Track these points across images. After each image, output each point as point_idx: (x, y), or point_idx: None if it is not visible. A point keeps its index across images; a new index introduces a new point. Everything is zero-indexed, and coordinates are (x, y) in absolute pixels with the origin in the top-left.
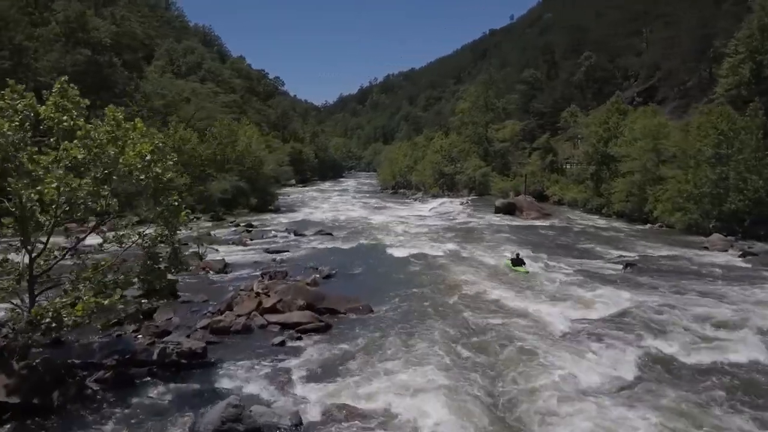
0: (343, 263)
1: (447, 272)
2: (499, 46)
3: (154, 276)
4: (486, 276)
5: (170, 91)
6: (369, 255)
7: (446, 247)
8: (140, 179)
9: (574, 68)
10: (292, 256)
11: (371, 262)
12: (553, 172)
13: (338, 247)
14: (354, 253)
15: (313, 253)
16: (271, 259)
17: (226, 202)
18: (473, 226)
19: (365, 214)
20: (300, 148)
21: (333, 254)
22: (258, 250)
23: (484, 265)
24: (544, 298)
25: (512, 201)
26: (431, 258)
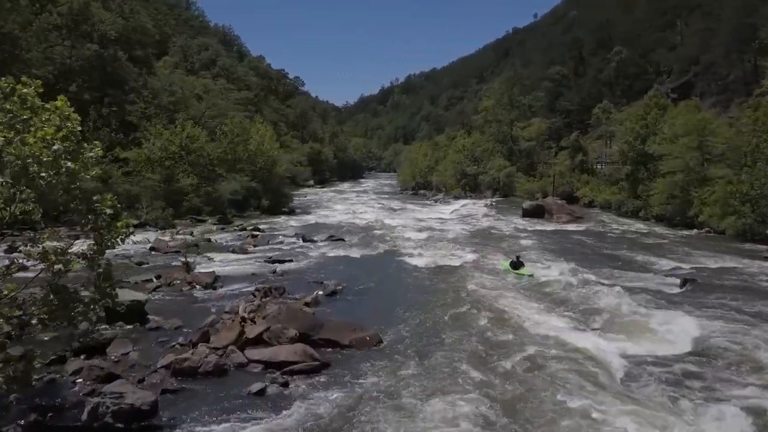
0: (353, 276)
1: (472, 288)
2: (522, 44)
3: (64, 317)
4: (517, 294)
5: (180, 87)
6: (383, 265)
7: (470, 257)
8: (41, 176)
9: (603, 64)
10: (296, 267)
11: (384, 275)
12: (584, 173)
13: (349, 256)
14: (366, 263)
15: (320, 262)
16: (271, 271)
17: (237, 203)
18: (499, 231)
19: (382, 217)
20: (319, 149)
21: (342, 264)
22: (259, 258)
23: (515, 279)
24: (593, 327)
25: (541, 203)
26: (453, 269)
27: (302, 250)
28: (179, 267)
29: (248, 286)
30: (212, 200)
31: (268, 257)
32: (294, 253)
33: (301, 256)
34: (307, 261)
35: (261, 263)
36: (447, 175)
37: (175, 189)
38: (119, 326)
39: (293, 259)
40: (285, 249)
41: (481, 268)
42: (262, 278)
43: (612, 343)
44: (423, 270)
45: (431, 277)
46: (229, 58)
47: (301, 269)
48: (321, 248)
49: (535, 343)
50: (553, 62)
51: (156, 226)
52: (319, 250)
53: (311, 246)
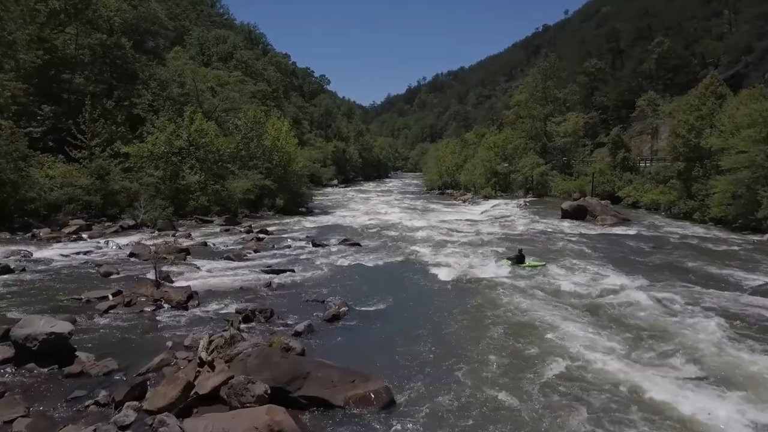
0: (363, 292)
1: (517, 313)
2: (553, 41)
3: None
4: (573, 321)
5: (192, 78)
6: (401, 278)
7: (507, 268)
8: None
9: (644, 56)
10: (297, 279)
11: (403, 291)
12: (626, 171)
13: (362, 265)
14: (381, 275)
15: (327, 273)
16: (265, 284)
17: (250, 202)
18: (539, 235)
19: (406, 218)
20: (343, 147)
21: (353, 276)
22: (256, 267)
23: (570, 298)
24: (688, 375)
25: (582, 203)
26: (489, 285)
27: (310, 256)
28: (148, 280)
29: (231, 303)
30: (221, 199)
31: (267, 266)
32: (299, 261)
33: (307, 264)
34: (312, 271)
35: (256, 274)
36: (476, 173)
37: (181, 187)
38: (27, 371)
39: (295, 268)
40: (290, 255)
41: (526, 281)
42: (251, 295)
43: (725, 404)
44: (451, 285)
45: (461, 295)
46: (247, 50)
47: (302, 282)
48: (331, 255)
49: (623, 408)
50: (589, 55)
51: (153, 227)
52: (328, 257)
53: (321, 252)
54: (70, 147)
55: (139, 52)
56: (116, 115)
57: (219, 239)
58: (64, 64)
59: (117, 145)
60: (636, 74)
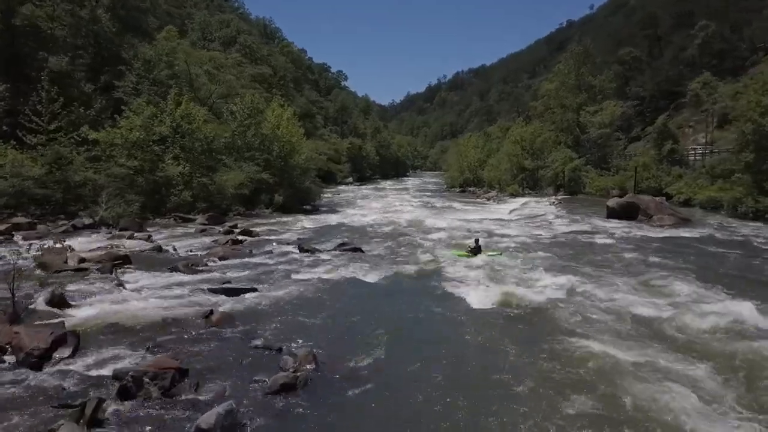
0: (349, 331)
1: (594, 372)
2: (578, 37)
3: None
4: (691, 395)
5: (184, 60)
6: (412, 304)
7: (557, 282)
8: None
9: (685, 42)
10: (255, 306)
11: (412, 330)
12: (674, 164)
13: (359, 281)
14: (382, 299)
15: (304, 295)
16: (204, 313)
17: (245, 198)
18: (586, 239)
19: (423, 218)
20: (359, 144)
21: (340, 301)
22: (209, 283)
23: (658, 336)
24: None
25: (634, 200)
26: (541, 315)
27: (290, 267)
28: None
29: (121, 358)
30: (210, 194)
31: (224, 281)
32: (272, 274)
33: (281, 279)
34: (284, 291)
35: (202, 294)
36: (501, 169)
37: (159, 179)
38: None
39: (262, 286)
40: (265, 265)
41: (588, 308)
42: (171, 334)
43: None
44: (483, 317)
45: (501, 337)
46: (252, 35)
47: (262, 311)
48: (321, 265)
49: None
50: (621, 44)
51: (115, 227)
52: (315, 269)
53: (308, 261)
54: (24, 131)
55: (126, 31)
56: (95, 99)
57: (186, 242)
58: (26, 36)
59: (84, 131)
60: (676, 62)
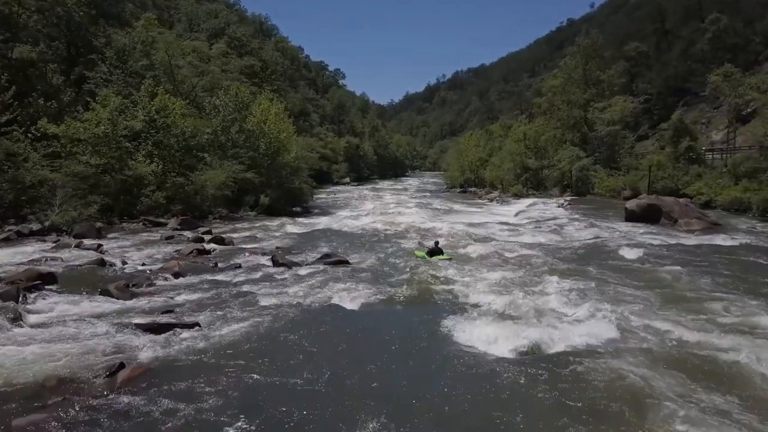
0: (315, 400)
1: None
2: (579, 35)
3: None
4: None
5: (162, 50)
6: (407, 347)
7: (590, 313)
8: None
9: (695, 36)
10: (192, 351)
11: (410, 397)
12: (692, 163)
13: (339, 309)
14: (367, 337)
15: (263, 333)
16: (107, 369)
17: (229, 200)
18: (608, 247)
19: (421, 221)
20: (357, 143)
21: (312, 341)
22: (140, 313)
23: None
24: None
25: (656, 202)
26: (572, 360)
27: (256, 287)
28: None
29: None
30: (187, 195)
31: (166, 309)
32: (230, 299)
33: (238, 307)
34: (236, 326)
35: (127, 331)
36: (503, 169)
37: (128, 179)
38: None
39: (209, 316)
40: (227, 284)
41: (638, 357)
42: (41, 410)
43: None
44: (503, 369)
45: (529, 402)
46: (242, 26)
47: (196, 362)
48: (295, 284)
49: None
50: (627, 39)
51: (68, 233)
52: (286, 290)
53: (280, 278)
54: None
55: (101, 18)
56: (64, 91)
57: (144, 252)
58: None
59: (42, 124)
60: (686, 57)
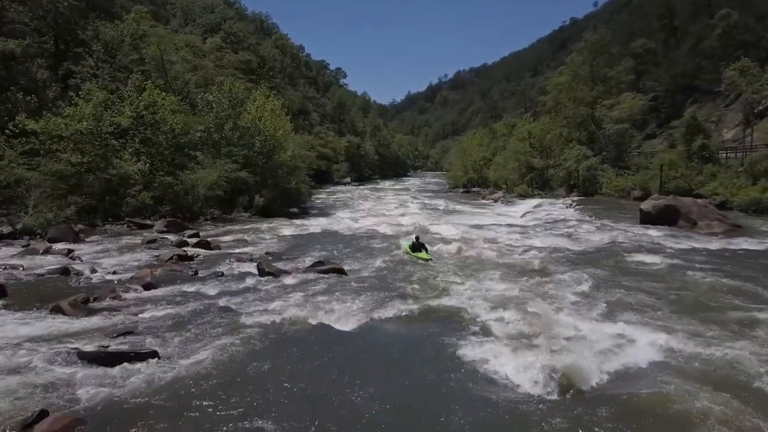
0: None
1: None
2: (582, 35)
3: None
4: None
5: (154, 45)
6: (403, 380)
7: (627, 330)
8: None
9: (704, 33)
10: (141, 392)
11: None
12: (706, 162)
13: (329, 331)
14: (362, 375)
15: (233, 366)
16: (25, 423)
17: (222, 201)
18: (626, 253)
19: (425, 224)
20: (358, 143)
21: (293, 376)
22: (94, 335)
23: None
24: None
25: (673, 203)
26: (616, 395)
27: (236, 301)
28: None
29: None
30: (176, 195)
31: (125, 330)
32: (202, 316)
33: (208, 329)
34: (202, 356)
35: (68, 360)
36: (507, 168)
37: (112, 178)
38: None
39: (166, 346)
40: (203, 297)
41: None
42: None
43: None
44: (530, 406)
45: None
46: (243, 23)
47: (143, 406)
48: (280, 297)
49: None
50: (636, 35)
51: (42, 236)
52: (270, 305)
53: (265, 289)
54: None
55: (91, 11)
56: (48, 86)
57: (121, 258)
58: None
59: (20, 120)
60: (695, 53)
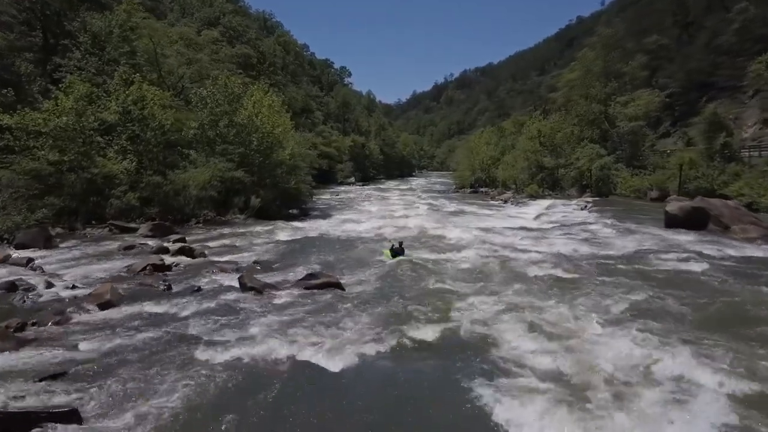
0: None
1: None
2: (589, 33)
3: None
4: None
5: (146, 37)
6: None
7: (694, 372)
8: None
9: (721, 27)
10: None
11: None
12: (729, 161)
13: (317, 372)
14: (353, 423)
15: (174, 424)
16: None
17: (216, 201)
18: (659, 262)
19: (433, 227)
20: (362, 142)
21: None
22: (24, 372)
23: None
24: None
25: (702, 205)
26: None
27: (207, 328)
28: None
29: None
30: (166, 196)
31: (45, 375)
32: (158, 349)
33: (160, 366)
34: (140, 410)
35: None
36: (517, 168)
37: (94, 178)
38: None
39: (92, 401)
40: (170, 320)
41: None
42: None
43: None
44: None
45: None
46: (238, 16)
47: None
48: (261, 320)
49: None
50: (649, 30)
51: (10, 241)
52: (248, 332)
53: (246, 309)
54: None
55: (79, 2)
56: (33, 80)
57: (86, 268)
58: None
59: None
60: (711, 49)
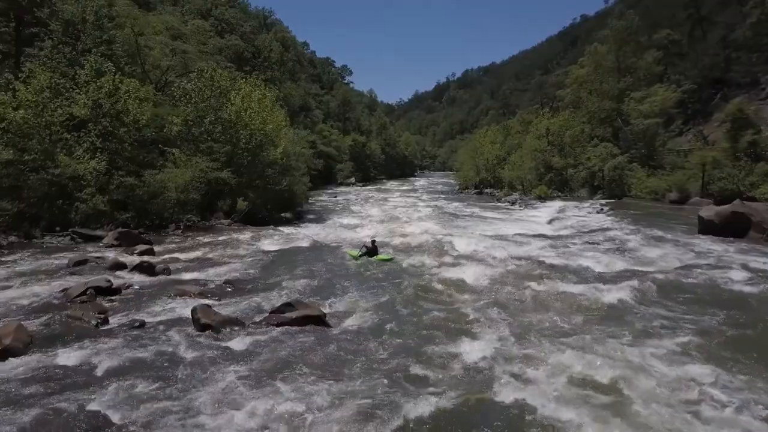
0: None
1: None
2: (593, 32)
3: None
4: None
5: (128, 28)
6: None
7: None
8: None
9: (736, 22)
10: None
11: None
12: (758, 160)
13: None
14: None
15: None
16: None
17: (200, 205)
18: (710, 277)
19: (435, 232)
20: (363, 141)
21: None
22: None
23: None
24: None
25: (740, 210)
26: None
27: (123, 402)
28: None
29: None
30: (140, 200)
31: None
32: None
33: None
34: None
35: None
36: (524, 168)
37: (56, 179)
38: None
39: None
40: (76, 384)
41: None
42: None
43: None
44: None
45: None
46: (232, 8)
47: None
48: (206, 383)
49: None
50: (660, 25)
51: None
52: (180, 404)
53: (189, 363)
54: None
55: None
56: None
57: (19, 292)
58: None
59: None
60: (725, 44)
